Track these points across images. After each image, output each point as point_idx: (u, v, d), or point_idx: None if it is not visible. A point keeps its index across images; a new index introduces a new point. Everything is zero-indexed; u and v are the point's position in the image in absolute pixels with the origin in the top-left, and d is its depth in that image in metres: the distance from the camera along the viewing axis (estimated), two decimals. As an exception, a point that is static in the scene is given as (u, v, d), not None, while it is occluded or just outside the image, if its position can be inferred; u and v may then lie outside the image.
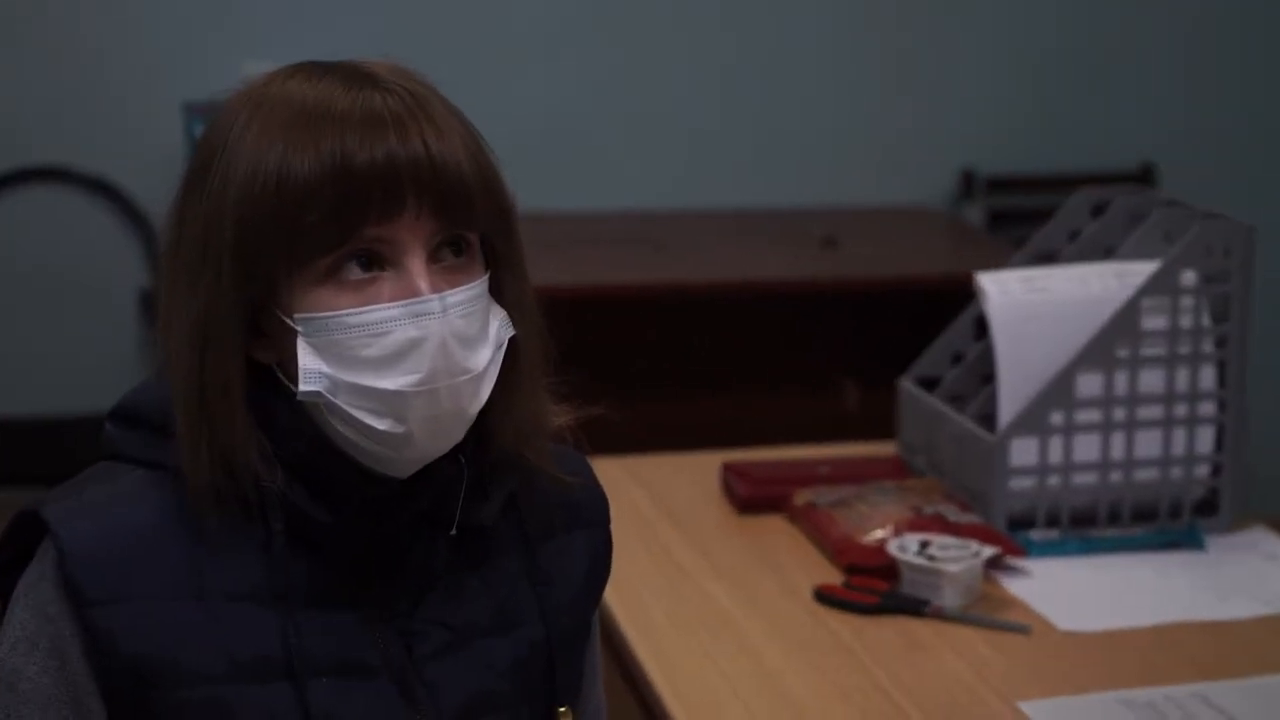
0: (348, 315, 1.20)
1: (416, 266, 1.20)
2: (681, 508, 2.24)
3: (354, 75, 1.23)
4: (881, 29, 4.22)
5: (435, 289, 1.20)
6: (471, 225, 1.23)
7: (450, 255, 1.23)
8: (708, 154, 4.19)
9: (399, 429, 1.21)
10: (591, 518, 1.40)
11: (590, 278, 3.51)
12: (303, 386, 1.20)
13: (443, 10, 4.00)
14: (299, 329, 1.20)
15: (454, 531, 1.28)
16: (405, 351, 1.20)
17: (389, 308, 1.19)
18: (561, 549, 1.37)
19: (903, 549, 1.95)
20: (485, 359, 1.23)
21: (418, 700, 1.27)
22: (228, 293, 1.19)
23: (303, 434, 1.23)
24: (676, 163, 4.18)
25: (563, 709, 1.35)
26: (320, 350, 1.20)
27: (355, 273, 1.20)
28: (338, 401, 1.21)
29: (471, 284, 1.23)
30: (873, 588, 1.95)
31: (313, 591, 1.24)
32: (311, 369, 1.20)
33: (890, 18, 4.21)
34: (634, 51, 4.12)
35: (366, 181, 1.18)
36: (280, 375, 1.23)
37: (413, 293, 1.20)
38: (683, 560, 2.09)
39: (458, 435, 1.25)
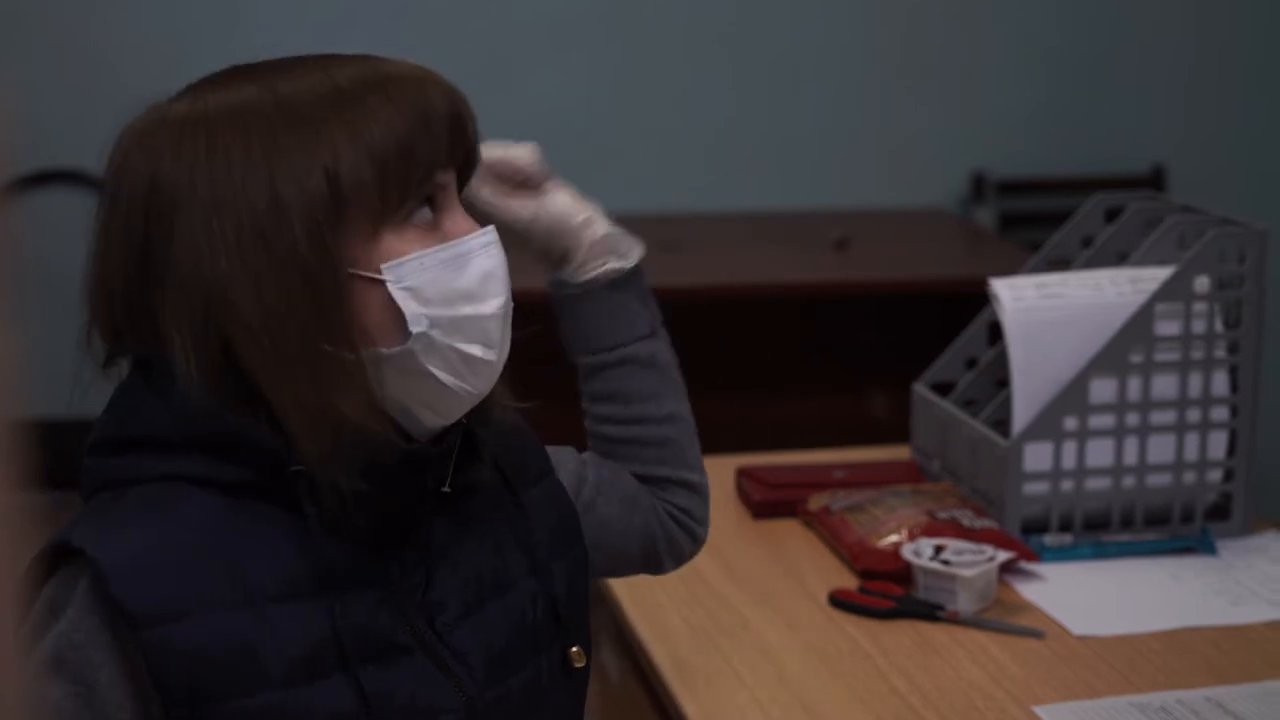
0: (434, 252, 1.24)
1: (459, 209, 1.27)
2: (696, 512, 2.25)
3: (325, 58, 1.27)
4: (893, 32, 4.23)
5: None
6: (471, 170, 1.32)
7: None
8: (719, 157, 4.20)
9: (491, 355, 1.26)
10: (542, 467, 1.44)
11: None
12: (413, 328, 1.22)
13: (453, 17, 4.01)
14: (388, 279, 1.22)
15: (447, 488, 1.29)
16: (486, 278, 1.26)
17: (464, 241, 1.26)
18: (534, 502, 1.40)
19: (917, 554, 1.96)
20: None
21: (451, 669, 1.28)
22: (331, 256, 1.21)
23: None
24: (688, 166, 4.19)
25: (575, 649, 1.37)
26: (414, 292, 1.23)
27: (425, 214, 1.25)
28: (442, 338, 1.24)
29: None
30: (888, 592, 1.96)
31: (346, 574, 1.24)
32: (415, 312, 1.22)
33: (902, 21, 4.22)
34: (646, 54, 4.13)
35: (440, 126, 1.24)
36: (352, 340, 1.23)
37: (465, 230, 1.26)
38: (698, 565, 2.08)
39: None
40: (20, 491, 0.55)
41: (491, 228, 1.28)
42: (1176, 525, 2.15)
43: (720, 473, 2.32)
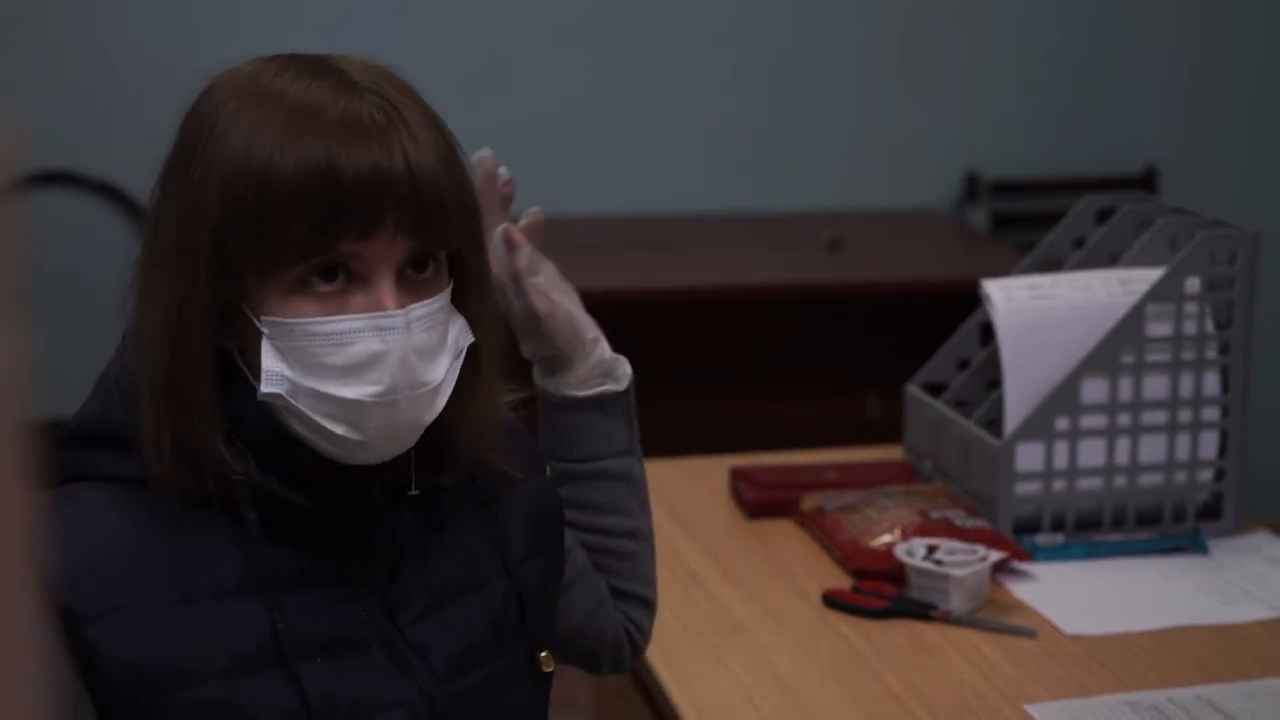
0: (313, 324, 1.21)
1: (385, 284, 1.22)
2: (691, 513, 2.26)
3: (339, 81, 1.23)
4: (887, 33, 4.23)
5: (400, 304, 1.22)
6: (445, 244, 1.26)
7: (417, 271, 1.25)
8: (714, 157, 4.21)
9: (356, 436, 1.23)
10: (528, 463, 1.43)
11: (596, 281, 3.51)
12: (264, 388, 1.22)
13: (453, 17, 4.02)
14: (264, 331, 1.22)
15: (415, 490, 1.30)
16: (367, 363, 1.22)
17: (354, 319, 1.21)
18: (512, 504, 1.41)
19: (910, 554, 1.97)
20: (443, 370, 1.26)
21: (409, 665, 1.29)
22: (203, 288, 1.21)
23: (268, 423, 1.24)
24: (683, 166, 4.20)
25: (544, 653, 1.39)
26: (284, 354, 1.22)
27: (325, 284, 1.22)
28: (298, 404, 1.22)
29: (436, 298, 1.25)
30: (881, 592, 1.97)
31: (294, 576, 1.26)
32: (274, 371, 1.22)
33: (896, 22, 4.23)
34: (646, 54, 4.14)
35: (349, 198, 1.19)
36: (242, 365, 1.25)
37: (379, 307, 1.22)
38: (693, 565, 2.10)
39: (411, 442, 1.27)
40: (29, 491, 0.56)
41: (415, 306, 1.23)
42: (1168, 525, 2.16)
43: (714, 473, 2.35)
